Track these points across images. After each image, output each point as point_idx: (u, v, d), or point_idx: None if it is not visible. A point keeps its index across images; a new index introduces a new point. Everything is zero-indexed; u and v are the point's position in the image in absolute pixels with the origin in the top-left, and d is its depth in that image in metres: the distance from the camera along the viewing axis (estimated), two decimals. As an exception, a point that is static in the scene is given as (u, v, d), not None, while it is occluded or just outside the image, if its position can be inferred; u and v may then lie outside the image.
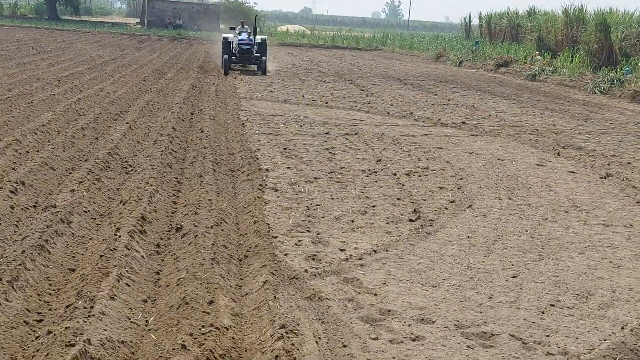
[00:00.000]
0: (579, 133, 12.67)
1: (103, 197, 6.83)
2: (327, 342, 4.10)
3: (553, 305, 4.74)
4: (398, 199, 7.38)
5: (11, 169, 7.34)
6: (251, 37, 22.10)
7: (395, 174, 8.49)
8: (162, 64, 23.24)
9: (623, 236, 6.44)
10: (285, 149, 9.78)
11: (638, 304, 4.82)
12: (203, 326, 4.06)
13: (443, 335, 4.22)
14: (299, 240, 5.86)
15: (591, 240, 6.28)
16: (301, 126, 11.89)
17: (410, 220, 6.59)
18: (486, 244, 6.04)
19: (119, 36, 42.13)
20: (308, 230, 6.16)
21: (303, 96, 16.43)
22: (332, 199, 7.26)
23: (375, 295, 4.81)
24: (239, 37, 21.92)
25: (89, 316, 3.95)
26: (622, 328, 4.39)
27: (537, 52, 29.35)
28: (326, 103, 15.40)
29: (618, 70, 21.83)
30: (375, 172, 8.57)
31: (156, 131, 10.28)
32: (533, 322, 4.46)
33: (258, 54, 21.97)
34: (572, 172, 9.17)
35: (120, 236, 5.32)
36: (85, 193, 6.58)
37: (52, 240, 5.22)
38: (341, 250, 5.69)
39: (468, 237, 6.21)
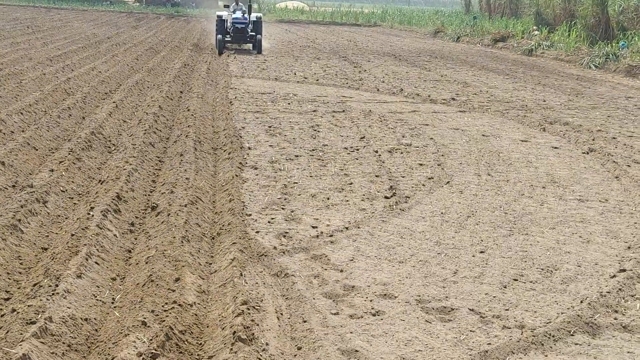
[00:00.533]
0: (568, 108, 12.67)
1: (83, 177, 6.89)
2: (289, 318, 4.18)
3: (516, 280, 4.81)
4: (376, 176, 7.43)
5: (-7, 150, 7.39)
6: (246, 15, 21.52)
7: (377, 151, 8.53)
8: (157, 42, 23.18)
9: (597, 211, 6.50)
10: (270, 127, 9.81)
11: (601, 278, 4.89)
12: (166, 303, 4.14)
13: (403, 310, 4.30)
14: (272, 218, 5.93)
15: (564, 215, 6.34)
16: (289, 104, 11.91)
17: (386, 197, 6.65)
18: (459, 220, 6.10)
19: (116, 14, 41.95)
20: (282, 208, 6.23)
21: (295, 74, 16.41)
22: (310, 176, 7.31)
23: (342, 271, 4.88)
24: (233, 16, 21.28)
25: (53, 294, 4.02)
26: (581, 302, 4.46)
27: (534, 27, 29.15)
28: (317, 80, 15.39)
29: (614, 44, 21.71)
30: (357, 150, 8.61)
31: (143, 110, 10.32)
32: (494, 297, 4.53)
33: (253, 33, 21.48)
34: (555, 148, 9.20)
35: (93, 215, 5.39)
36: (64, 173, 6.64)
37: (25, 220, 5.29)
38: (313, 227, 5.75)
39: (442, 213, 6.27)
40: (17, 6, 43.22)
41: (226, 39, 21.19)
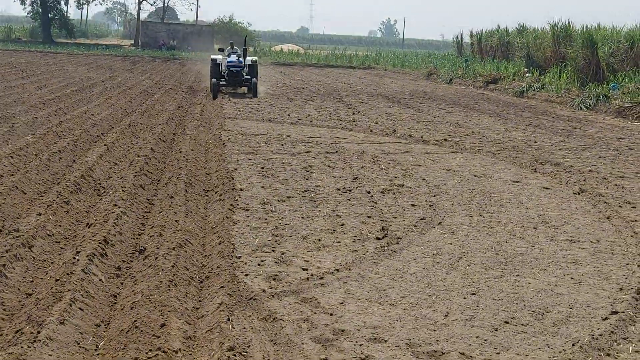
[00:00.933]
0: (559, 149, 12.71)
1: (70, 221, 6.83)
2: (276, 364, 4.09)
3: (508, 323, 4.74)
4: (369, 217, 7.39)
5: (-19, 193, 7.34)
6: (241, 58, 21.41)
7: (369, 192, 8.51)
8: (152, 85, 23.34)
9: (588, 252, 6.45)
10: (262, 168, 9.80)
11: (593, 320, 4.82)
12: (150, 350, 4.06)
13: (393, 355, 4.22)
14: (262, 261, 5.87)
15: (555, 256, 6.29)
16: (282, 145, 11.93)
17: (377, 239, 6.60)
18: (450, 261, 6.05)
19: (112, 58, 42.35)
20: (273, 250, 6.17)
21: (289, 115, 16.49)
22: (302, 218, 7.27)
23: (331, 315, 4.81)
24: (228, 59, 21.21)
25: (35, 341, 3.94)
26: (573, 345, 4.38)
27: (525, 69, 29.47)
28: (311, 121, 15.46)
29: (604, 86, 21.94)
30: (350, 191, 8.59)
31: (134, 152, 10.31)
32: (485, 340, 4.45)
33: (248, 76, 21.31)
34: (546, 188, 9.20)
35: (78, 260, 5.32)
36: (51, 216, 6.58)
37: (10, 265, 5.22)
38: (304, 269, 5.69)
39: (433, 254, 6.22)
40: (12, 51, 43.63)
41: (221, 82, 21.02)
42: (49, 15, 63.39)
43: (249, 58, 21.90)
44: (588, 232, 7.13)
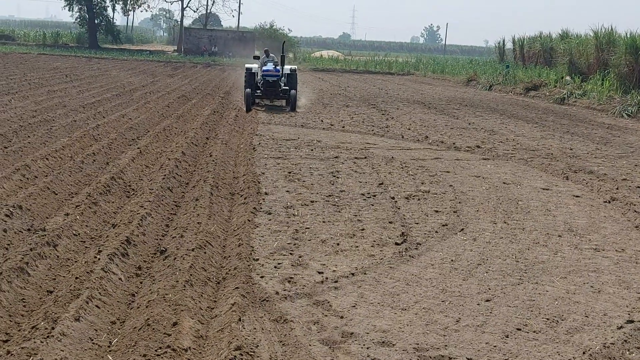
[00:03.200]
0: (594, 157, 12.50)
1: (97, 221, 6.99)
2: (282, 364, 4.14)
3: (519, 330, 4.70)
4: (390, 222, 7.39)
5: (13, 194, 7.57)
6: (278, 67, 18.85)
7: (393, 198, 8.50)
8: (190, 90, 23.68)
9: (612, 261, 6.34)
10: (289, 172, 9.87)
11: (608, 329, 4.75)
12: (160, 347, 4.14)
13: (399, 359, 4.22)
14: (279, 263, 5.92)
15: (577, 264, 6.20)
16: (312, 150, 12.00)
17: (396, 244, 6.60)
18: (468, 267, 6.01)
19: (154, 64, 43.09)
20: (291, 253, 6.22)
21: (322, 120, 16.56)
22: (323, 222, 7.31)
23: (342, 317, 4.83)
24: (264, 68, 18.75)
25: (48, 337, 4.06)
26: (584, 353, 4.33)
27: (567, 77, 29.01)
28: (343, 127, 15.50)
29: (647, 93, 21.49)
30: (374, 196, 8.59)
31: (166, 156, 10.49)
32: (495, 346, 4.43)
33: (287, 87, 18.87)
34: (577, 196, 9.06)
35: (99, 259, 5.46)
36: (78, 217, 6.75)
37: (33, 263, 5.38)
38: (319, 273, 5.73)
39: (452, 260, 6.19)
40: (59, 55, 44.73)
41: (256, 93, 18.72)
42: (95, 21, 64.84)
43: (287, 66, 19.47)
44: (614, 241, 7.00)
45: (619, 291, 5.54)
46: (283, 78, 19.04)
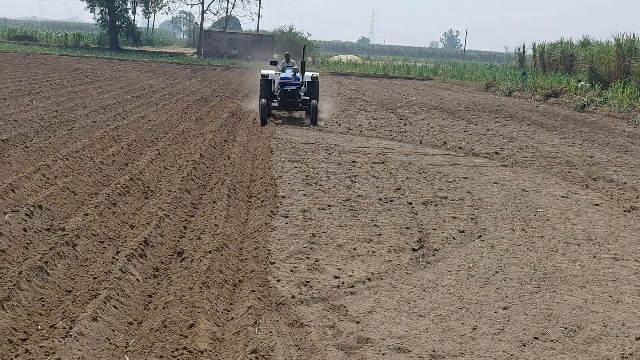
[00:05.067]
0: (615, 165, 12.39)
1: (116, 221, 7.04)
2: (298, 368, 4.14)
3: (537, 339, 4.66)
4: (407, 227, 7.37)
5: (34, 193, 7.65)
6: (297, 74, 17.11)
7: (410, 203, 8.48)
8: (209, 92, 23.80)
9: (631, 270, 6.28)
10: (307, 176, 9.88)
11: (627, 339, 4.70)
12: (176, 349, 4.17)
13: (415, 365, 4.21)
14: (295, 267, 5.93)
15: (596, 274, 6.14)
16: (329, 154, 12.00)
17: (413, 250, 6.58)
18: (486, 275, 5.98)
19: (174, 66, 43.36)
20: (307, 257, 6.22)
21: (339, 124, 16.56)
22: (339, 226, 7.31)
23: (358, 323, 4.83)
24: (282, 75, 17.06)
25: (66, 336, 4.09)
26: (602, 364, 4.29)
27: (584, 83, 28.77)
28: (361, 131, 15.49)
29: (669, 101, 21.28)
30: (392, 201, 8.58)
31: (184, 158, 10.55)
32: (511, 355, 4.40)
33: (307, 97, 16.87)
34: (596, 205, 8.98)
35: (117, 259, 5.50)
36: (97, 217, 6.80)
37: (52, 262, 5.42)
38: (335, 277, 5.73)
39: (469, 267, 6.16)
40: (80, 57, 45.14)
41: (272, 104, 16.80)
42: (117, 23, 65.38)
43: (308, 73, 17.49)
44: (634, 250, 6.93)
45: (638, 301, 5.48)
46: (303, 87, 17.26)
